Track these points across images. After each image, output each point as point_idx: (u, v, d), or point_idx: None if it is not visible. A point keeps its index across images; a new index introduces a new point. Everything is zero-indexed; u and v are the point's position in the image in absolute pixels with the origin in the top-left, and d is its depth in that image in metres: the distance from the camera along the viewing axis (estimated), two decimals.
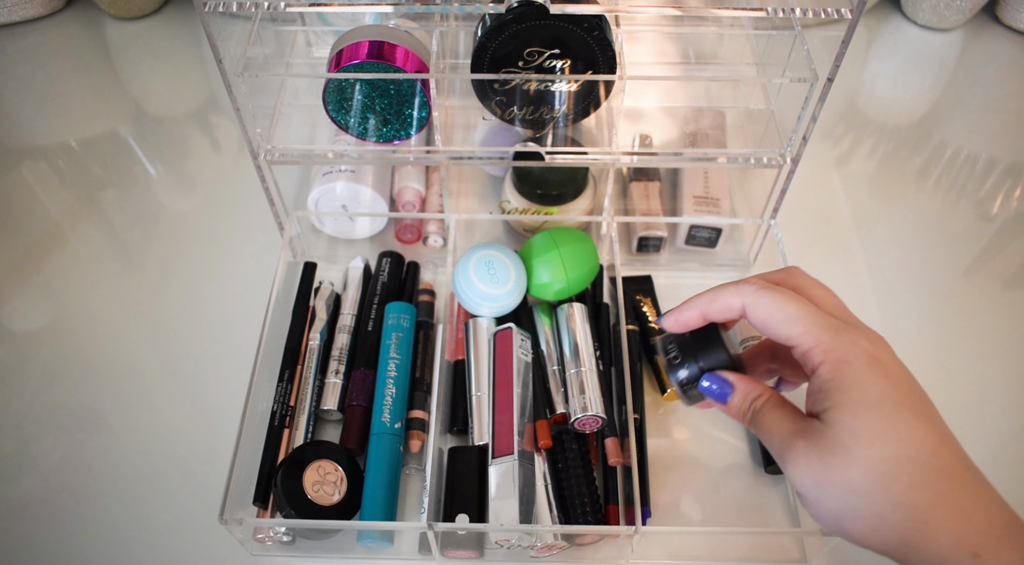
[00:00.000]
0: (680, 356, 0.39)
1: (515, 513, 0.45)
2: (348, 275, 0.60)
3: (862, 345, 0.34)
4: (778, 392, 0.38)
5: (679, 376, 0.39)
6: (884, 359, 0.34)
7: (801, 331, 0.35)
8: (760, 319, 0.36)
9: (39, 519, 0.51)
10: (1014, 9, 0.84)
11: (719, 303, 0.38)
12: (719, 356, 0.38)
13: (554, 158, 0.55)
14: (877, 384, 0.33)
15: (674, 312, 0.39)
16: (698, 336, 0.39)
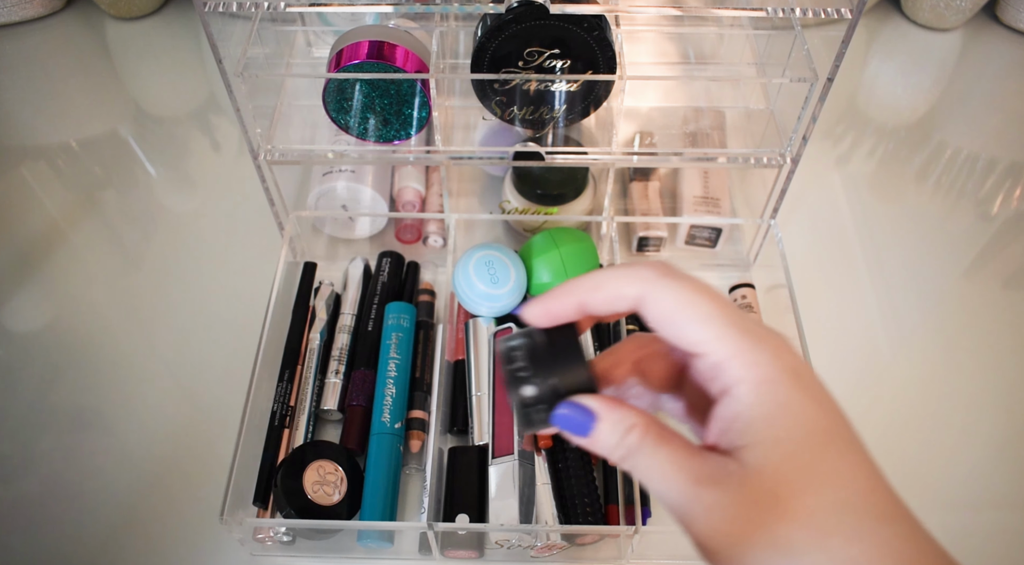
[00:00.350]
0: (530, 367, 0.29)
1: (515, 513, 0.45)
2: (348, 275, 0.60)
3: (785, 358, 0.26)
4: (656, 419, 0.28)
5: (523, 394, 0.28)
6: (804, 371, 0.27)
7: (715, 336, 0.26)
8: (661, 316, 0.28)
9: (39, 519, 0.51)
10: (1014, 9, 0.84)
11: (606, 291, 0.28)
12: (579, 372, 0.28)
13: (554, 158, 0.55)
14: (806, 412, 0.26)
15: (542, 300, 0.29)
16: (554, 341, 0.29)
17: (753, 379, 0.26)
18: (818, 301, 0.61)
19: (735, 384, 0.26)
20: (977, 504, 0.52)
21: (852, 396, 0.57)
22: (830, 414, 0.27)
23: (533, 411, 0.29)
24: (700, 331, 0.27)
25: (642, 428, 0.27)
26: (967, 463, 0.54)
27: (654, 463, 0.27)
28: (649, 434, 0.27)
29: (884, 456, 0.57)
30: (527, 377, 0.29)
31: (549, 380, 0.28)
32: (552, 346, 0.29)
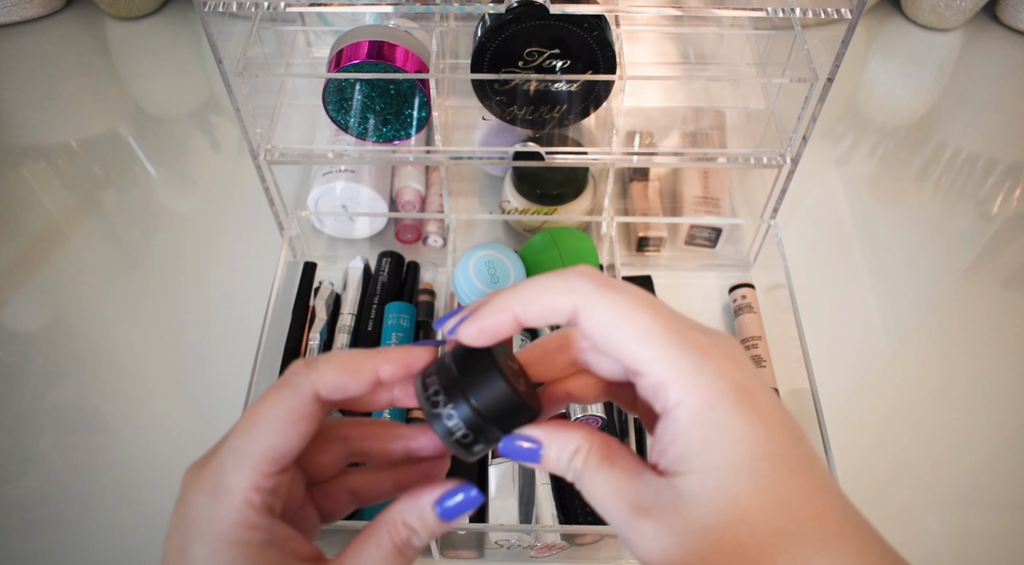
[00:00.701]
0: (444, 394, 0.27)
1: (515, 513, 0.45)
2: (348, 275, 0.60)
3: (730, 375, 0.25)
4: (600, 433, 0.27)
5: (447, 426, 0.26)
6: (753, 387, 0.25)
7: (655, 355, 0.25)
8: (598, 331, 0.26)
9: (39, 519, 0.51)
10: (1014, 9, 0.84)
11: (540, 305, 0.27)
12: (496, 390, 0.26)
13: (554, 158, 0.55)
14: (750, 434, 0.24)
15: (475, 319, 0.27)
16: (467, 362, 0.27)
17: (692, 403, 0.24)
18: (818, 301, 0.61)
19: (674, 407, 0.25)
20: (977, 504, 0.52)
21: (852, 396, 0.57)
22: (777, 436, 0.25)
23: (464, 445, 0.27)
24: (639, 349, 0.25)
25: (585, 452, 0.27)
26: (967, 463, 0.54)
27: (596, 488, 0.26)
28: (591, 458, 0.26)
29: (884, 456, 0.57)
30: (445, 404, 0.27)
31: (470, 401, 0.26)
32: (466, 365, 0.27)
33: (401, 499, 0.28)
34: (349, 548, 0.28)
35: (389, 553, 0.27)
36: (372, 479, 0.31)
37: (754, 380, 0.25)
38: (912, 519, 0.51)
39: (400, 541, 0.27)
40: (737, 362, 0.25)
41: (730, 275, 0.64)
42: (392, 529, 0.27)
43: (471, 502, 0.27)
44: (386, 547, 0.27)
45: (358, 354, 0.28)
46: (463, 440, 0.27)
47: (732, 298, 0.59)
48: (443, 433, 0.27)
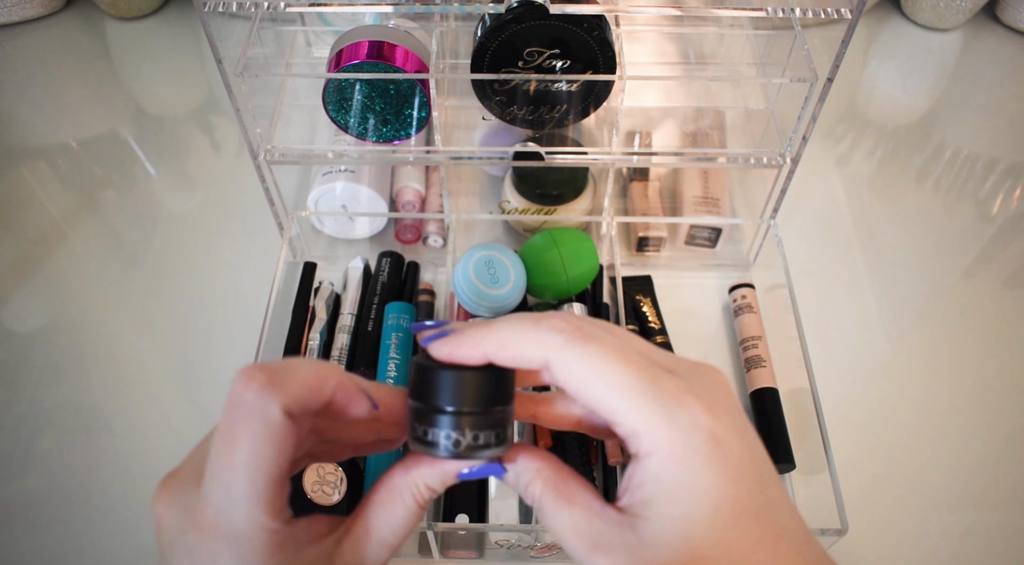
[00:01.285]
0: (420, 423, 0.28)
1: (515, 513, 0.45)
2: (348, 275, 0.60)
3: (703, 426, 0.25)
4: (555, 461, 0.28)
5: (444, 444, 0.27)
6: (727, 439, 0.26)
7: (627, 407, 0.25)
8: (571, 385, 0.26)
9: (39, 518, 0.51)
10: (1014, 9, 0.84)
11: (511, 351, 0.27)
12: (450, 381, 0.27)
13: (554, 158, 0.55)
14: (716, 488, 0.25)
15: (449, 342, 0.28)
16: (419, 386, 0.28)
17: (663, 455, 0.25)
18: (818, 301, 0.61)
19: (646, 455, 0.26)
20: (977, 504, 0.52)
21: (852, 396, 0.57)
22: (742, 486, 0.25)
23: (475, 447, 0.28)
24: (612, 402, 0.26)
25: (540, 484, 0.28)
26: (967, 463, 0.54)
27: (555, 524, 0.27)
28: (546, 493, 0.27)
29: (884, 456, 0.57)
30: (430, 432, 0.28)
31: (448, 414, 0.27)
32: (422, 390, 0.28)
33: (425, 465, 0.28)
34: (372, 510, 0.29)
35: (413, 512, 0.29)
36: (335, 449, 0.32)
37: (727, 426, 0.26)
38: (912, 519, 0.51)
39: (423, 501, 0.29)
40: (712, 407, 0.26)
41: (730, 275, 0.64)
42: (415, 491, 0.28)
43: (492, 472, 0.28)
44: (411, 508, 0.28)
45: (320, 368, 0.27)
46: (473, 443, 0.27)
47: (732, 298, 0.59)
48: (448, 454, 0.27)
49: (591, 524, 0.27)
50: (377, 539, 0.28)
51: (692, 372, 0.27)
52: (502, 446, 0.28)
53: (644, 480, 0.26)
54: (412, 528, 0.29)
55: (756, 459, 0.26)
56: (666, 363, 0.27)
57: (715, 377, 0.28)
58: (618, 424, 0.26)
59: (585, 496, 0.28)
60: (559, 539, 0.27)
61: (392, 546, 0.29)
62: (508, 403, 0.28)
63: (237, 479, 0.25)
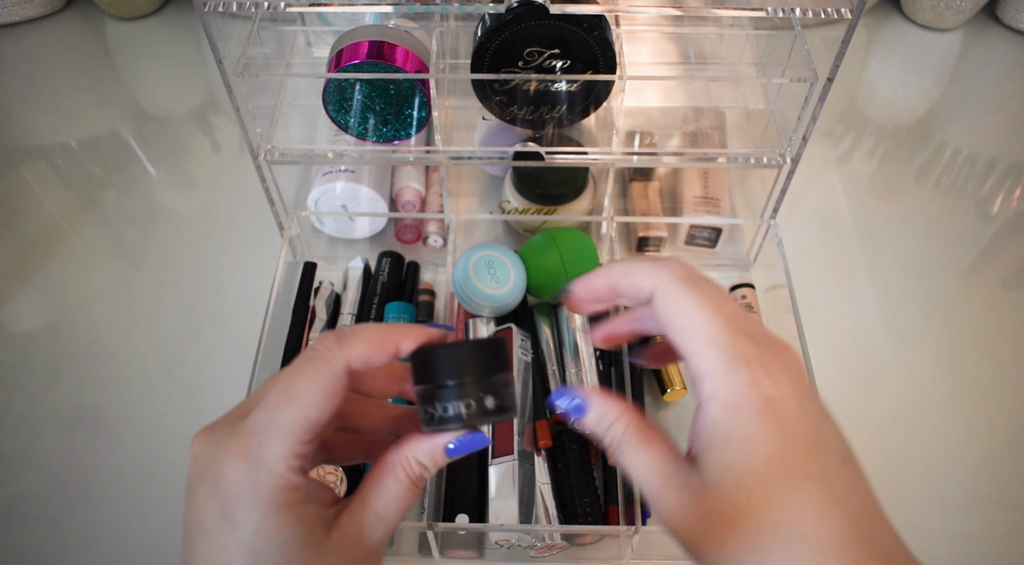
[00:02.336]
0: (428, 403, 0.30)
1: (515, 513, 0.45)
2: (348, 275, 0.60)
3: (761, 387, 0.28)
4: (641, 414, 0.31)
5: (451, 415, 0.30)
6: (783, 403, 0.28)
7: (699, 351, 0.29)
8: (664, 315, 0.30)
9: (39, 519, 0.51)
10: (1014, 9, 0.84)
11: (630, 279, 0.31)
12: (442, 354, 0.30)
13: (554, 158, 0.55)
14: (766, 442, 0.28)
15: (585, 278, 0.33)
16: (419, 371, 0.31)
17: (720, 401, 0.28)
18: (818, 301, 0.61)
19: (706, 401, 0.28)
20: (977, 504, 0.52)
21: (852, 396, 0.57)
22: (795, 446, 0.28)
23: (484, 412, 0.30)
24: (688, 342, 0.29)
25: (623, 425, 0.31)
26: (967, 463, 0.54)
27: (633, 461, 0.30)
28: (629, 432, 0.30)
29: (884, 456, 0.57)
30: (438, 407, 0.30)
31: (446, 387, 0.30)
32: (421, 372, 0.31)
33: (414, 440, 0.31)
34: (368, 486, 0.31)
35: (406, 486, 0.31)
36: (349, 443, 0.35)
37: (784, 392, 0.28)
38: (912, 519, 0.51)
39: (415, 476, 0.31)
40: (773, 374, 0.28)
41: (730, 275, 0.64)
42: (407, 466, 0.31)
43: (479, 443, 0.31)
44: (403, 482, 0.31)
45: (382, 329, 0.31)
46: (479, 410, 0.30)
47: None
48: (457, 424, 0.30)
49: (665, 465, 0.29)
50: (373, 512, 0.30)
51: (769, 343, 0.30)
52: (508, 412, 0.30)
53: (704, 425, 0.28)
54: (407, 504, 0.31)
55: (813, 427, 0.29)
56: (750, 329, 0.30)
57: (789, 354, 0.30)
58: (689, 363, 0.29)
59: (661, 442, 0.30)
60: (635, 477, 0.30)
61: (388, 521, 0.30)
62: (506, 370, 0.31)
63: (285, 408, 0.28)
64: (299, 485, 0.28)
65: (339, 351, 0.29)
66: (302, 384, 0.29)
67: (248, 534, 0.27)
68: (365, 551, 0.30)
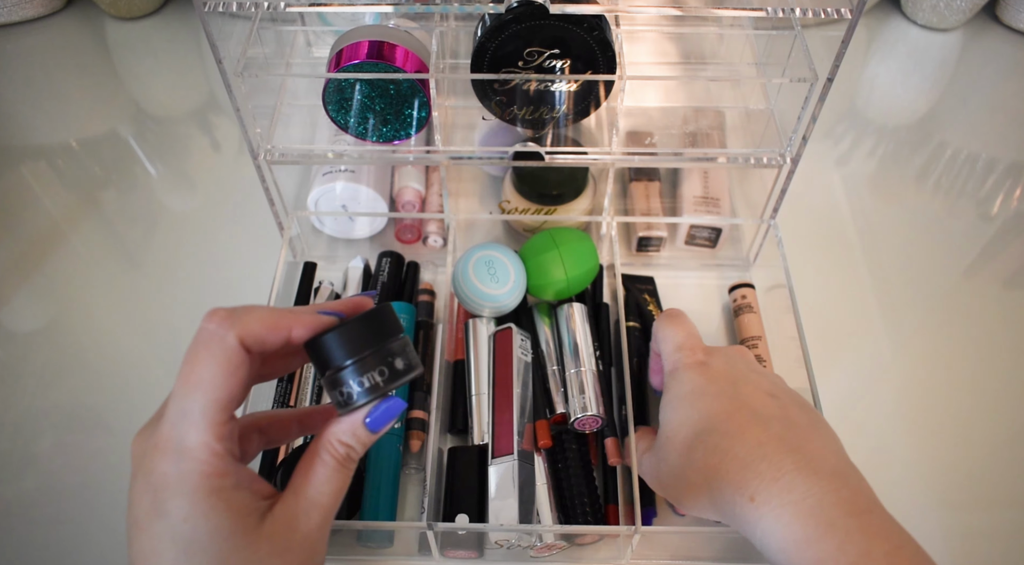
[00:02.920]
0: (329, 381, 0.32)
1: (515, 513, 0.45)
2: (348, 275, 0.60)
3: (696, 357, 0.42)
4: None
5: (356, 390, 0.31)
6: (711, 362, 0.42)
7: (666, 353, 0.44)
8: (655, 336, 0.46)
9: (39, 518, 0.51)
10: (1014, 9, 0.84)
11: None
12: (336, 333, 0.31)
13: (554, 158, 0.55)
14: (691, 381, 0.40)
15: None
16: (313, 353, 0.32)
17: (667, 371, 0.43)
18: (818, 301, 0.61)
19: (665, 376, 0.44)
20: (977, 504, 0.52)
21: (852, 396, 0.57)
22: (713, 380, 0.41)
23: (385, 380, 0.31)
24: (661, 345, 0.46)
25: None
26: (967, 463, 0.54)
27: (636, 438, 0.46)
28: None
29: (884, 456, 0.57)
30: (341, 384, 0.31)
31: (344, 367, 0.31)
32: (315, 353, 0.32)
33: (333, 423, 0.32)
34: (297, 473, 0.32)
35: (333, 468, 0.31)
36: (281, 422, 0.37)
37: (714, 359, 0.42)
38: (912, 519, 0.51)
39: (340, 457, 0.31)
40: (709, 352, 0.43)
41: (730, 275, 0.64)
42: (331, 448, 0.31)
43: (395, 409, 0.31)
44: (330, 464, 0.31)
45: (276, 311, 0.31)
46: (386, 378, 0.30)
47: (732, 298, 0.59)
48: (368, 398, 0.31)
49: (646, 438, 0.46)
50: (305, 498, 0.31)
51: (718, 348, 0.44)
52: (413, 370, 0.31)
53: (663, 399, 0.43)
54: (337, 486, 0.31)
55: (730, 371, 0.41)
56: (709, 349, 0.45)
57: (733, 349, 0.44)
58: (663, 360, 0.45)
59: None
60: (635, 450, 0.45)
61: (320, 505, 0.31)
62: (392, 335, 0.31)
63: (191, 395, 0.28)
64: (226, 471, 0.29)
65: (230, 328, 0.30)
66: (202, 369, 0.29)
67: (177, 522, 0.28)
68: (301, 537, 0.30)
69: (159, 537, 0.28)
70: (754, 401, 0.39)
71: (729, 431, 0.37)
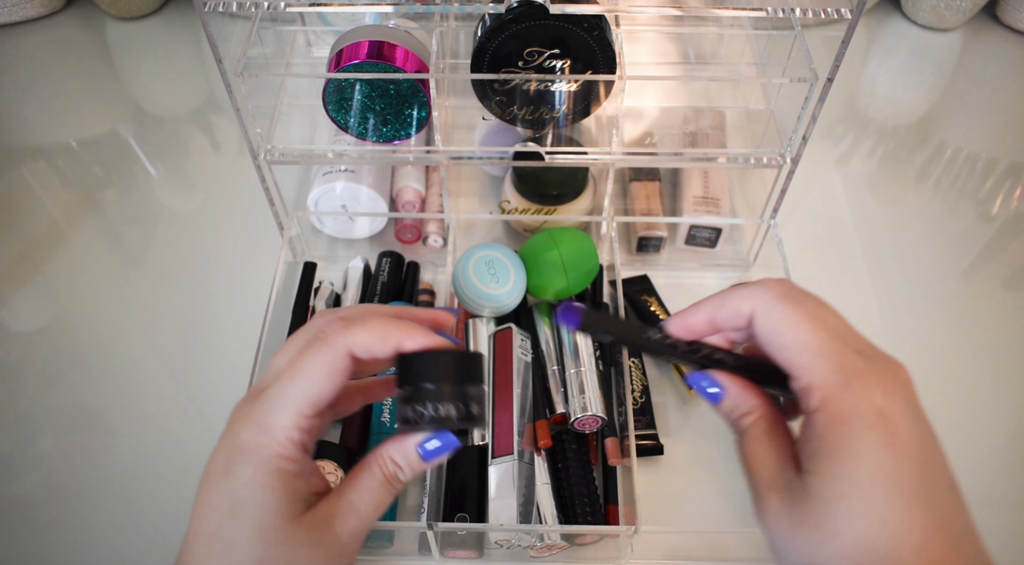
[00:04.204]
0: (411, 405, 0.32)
1: (515, 513, 0.45)
2: (348, 275, 0.60)
3: (872, 398, 0.28)
4: (775, 409, 0.32)
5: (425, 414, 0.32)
6: (895, 416, 0.28)
7: (806, 364, 0.29)
8: (766, 334, 0.30)
9: (39, 519, 0.51)
10: (1014, 9, 0.84)
11: (728, 307, 0.32)
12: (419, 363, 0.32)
13: (554, 158, 0.55)
14: (874, 456, 0.27)
15: (681, 315, 0.33)
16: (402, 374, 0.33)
17: (829, 412, 0.28)
18: None
19: (814, 411, 0.29)
20: (977, 504, 0.52)
21: None
22: (904, 462, 0.27)
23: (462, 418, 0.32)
24: (794, 357, 0.30)
25: (753, 417, 0.32)
26: (967, 463, 0.53)
27: (749, 453, 0.32)
28: (757, 425, 0.32)
29: None
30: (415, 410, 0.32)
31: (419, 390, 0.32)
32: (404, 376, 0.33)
33: (390, 440, 0.33)
34: (347, 479, 0.33)
35: (380, 482, 0.33)
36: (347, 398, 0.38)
37: (898, 408, 0.28)
38: None
39: (389, 473, 0.33)
40: (887, 389, 0.28)
41: (730, 275, 0.64)
42: (382, 463, 0.33)
43: (448, 446, 0.33)
44: (377, 477, 0.33)
45: (388, 324, 0.32)
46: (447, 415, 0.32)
47: None
48: (428, 424, 0.32)
49: (774, 466, 0.30)
50: (346, 501, 0.32)
51: (880, 359, 0.30)
52: (472, 421, 0.32)
53: (811, 436, 0.29)
54: (379, 499, 0.33)
55: (924, 446, 0.29)
56: (858, 344, 0.30)
57: (900, 371, 0.30)
58: (796, 377, 0.29)
59: (782, 439, 0.31)
60: (746, 468, 0.31)
61: (359, 512, 0.32)
62: (477, 382, 0.33)
63: (292, 383, 0.31)
64: (295, 458, 0.31)
65: (343, 336, 0.31)
66: (307, 362, 0.31)
67: (238, 485, 0.30)
68: (332, 537, 0.31)
69: (219, 492, 0.30)
70: (950, 514, 0.28)
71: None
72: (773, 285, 0.31)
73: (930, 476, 0.28)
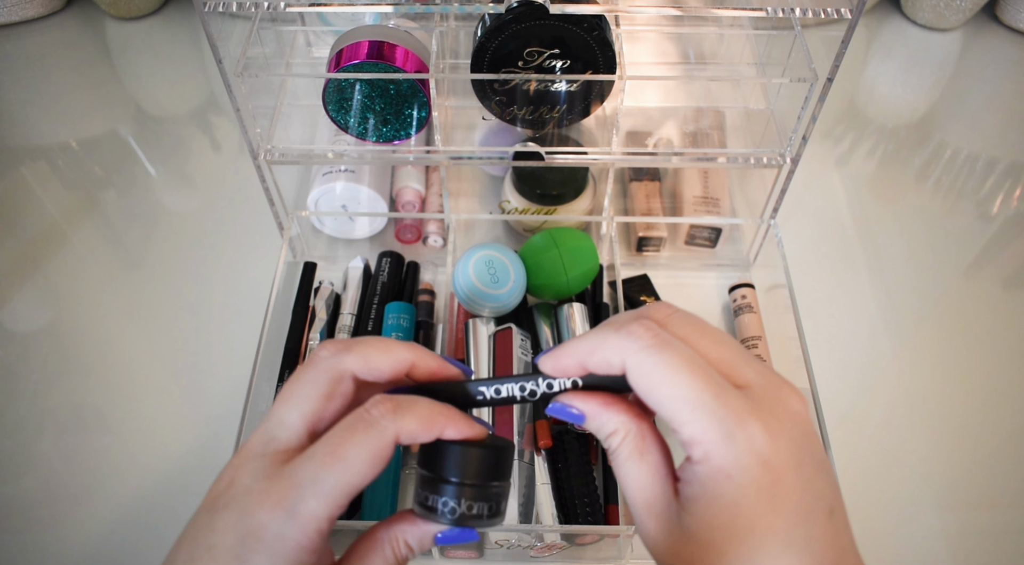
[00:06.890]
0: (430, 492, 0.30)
1: (515, 513, 0.45)
2: (348, 275, 0.60)
3: (756, 448, 0.26)
4: (645, 422, 0.30)
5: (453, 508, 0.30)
6: (779, 464, 0.26)
7: (686, 419, 0.27)
8: (640, 388, 0.28)
9: (39, 518, 0.51)
10: (1014, 9, 0.84)
11: (599, 357, 0.29)
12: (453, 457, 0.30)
13: (554, 158, 0.55)
14: (753, 510, 0.26)
15: (553, 355, 0.31)
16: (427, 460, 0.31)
17: (711, 466, 0.27)
18: (818, 301, 0.61)
19: (696, 462, 0.27)
20: (977, 503, 0.52)
21: (852, 396, 0.57)
22: (782, 513, 0.26)
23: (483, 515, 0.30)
24: (673, 413, 0.27)
25: (619, 437, 0.30)
26: (967, 462, 0.54)
27: (622, 474, 0.30)
28: (625, 445, 0.30)
29: (884, 455, 0.57)
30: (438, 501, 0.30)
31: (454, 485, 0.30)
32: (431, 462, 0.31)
33: (405, 521, 0.31)
34: (355, 556, 0.31)
35: (390, 563, 0.31)
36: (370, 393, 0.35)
37: (784, 455, 0.27)
38: (912, 518, 0.51)
39: (401, 556, 0.31)
40: (774, 433, 0.27)
41: (730, 275, 0.64)
42: (395, 544, 0.31)
43: (467, 538, 0.31)
44: (389, 559, 0.31)
45: (434, 411, 0.30)
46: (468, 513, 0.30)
47: (732, 298, 0.59)
48: (445, 520, 0.30)
49: (652, 487, 0.29)
50: None
51: (766, 393, 0.28)
52: (495, 518, 0.31)
53: (691, 478, 0.28)
54: None
55: (805, 490, 0.27)
56: (741, 379, 0.28)
57: (791, 402, 0.28)
58: (677, 431, 0.27)
59: (656, 456, 0.30)
60: (623, 490, 0.30)
61: None
62: (505, 479, 0.31)
63: (331, 468, 0.28)
64: (317, 550, 0.28)
65: (393, 422, 0.29)
66: (352, 449, 0.28)
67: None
68: None
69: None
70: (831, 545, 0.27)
71: None
72: (642, 334, 0.28)
73: (809, 518, 0.27)
